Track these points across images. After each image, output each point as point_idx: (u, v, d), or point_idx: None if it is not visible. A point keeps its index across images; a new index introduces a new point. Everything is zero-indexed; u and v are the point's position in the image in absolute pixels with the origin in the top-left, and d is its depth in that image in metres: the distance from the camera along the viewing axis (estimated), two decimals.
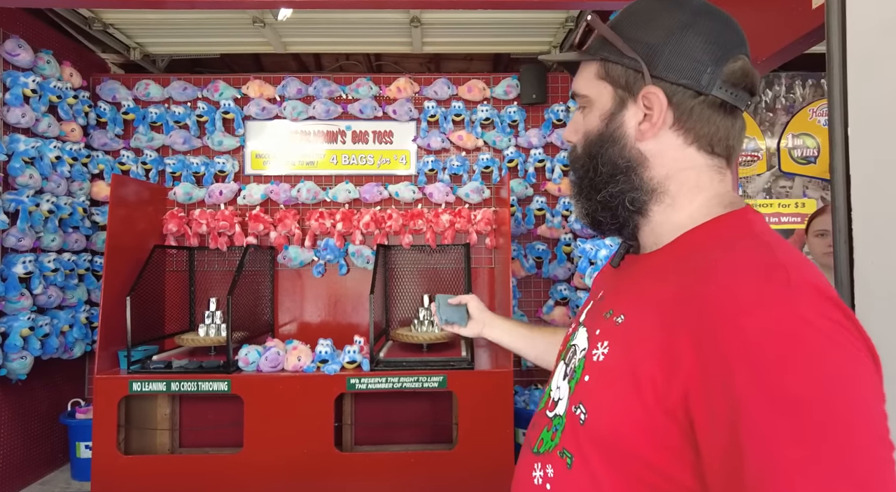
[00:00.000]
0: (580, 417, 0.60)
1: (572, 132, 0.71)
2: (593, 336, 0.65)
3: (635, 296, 0.62)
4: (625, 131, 0.65)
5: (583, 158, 0.68)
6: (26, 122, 2.95)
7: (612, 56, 0.64)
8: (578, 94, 0.69)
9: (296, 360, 2.88)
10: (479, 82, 3.66)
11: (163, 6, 2.27)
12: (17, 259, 2.87)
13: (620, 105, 0.65)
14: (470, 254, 3.33)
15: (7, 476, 2.95)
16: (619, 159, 0.65)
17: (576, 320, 0.76)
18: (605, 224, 0.68)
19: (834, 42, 1.03)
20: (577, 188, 0.70)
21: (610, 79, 0.65)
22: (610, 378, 0.59)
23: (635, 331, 0.58)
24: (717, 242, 0.59)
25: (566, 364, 0.70)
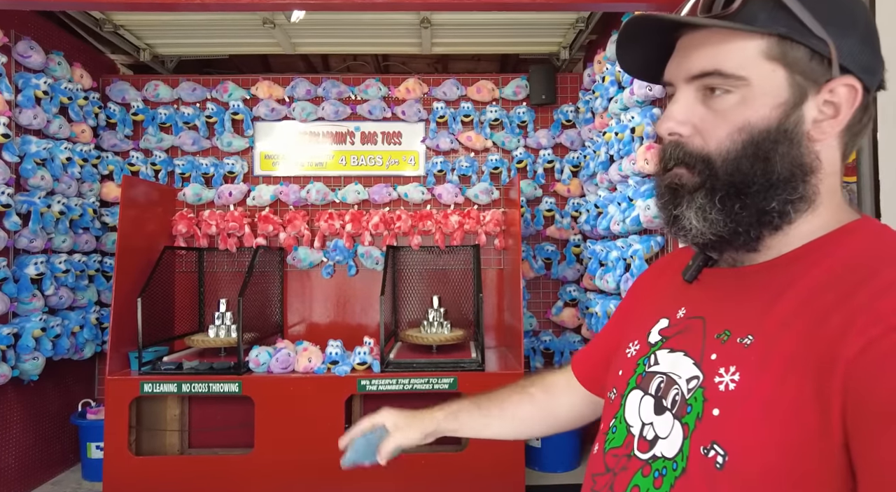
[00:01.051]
0: (716, 460, 0.51)
1: (683, 121, 0.57)
2: (707, 362, 0.55)
3: (767, 314, 0.53)
4: (803, 129, 0.54)
5: (742, 157, 0.54)
6: (38, 123, 2.96)
7: (794, 33, 0.52)
8: (725, 73, 0.54)
9: (307, 361, 2.88)
10: (488, 83, 3.65)
11: (175, 8, 2.27)
12: (28, 260, 2.88)
13: (800, 96, 0.54)
14: (479, 255, 3.32)
15: (19, 476, 2.97)
16: (798, 162, 0.54)
17: (642, 342, 0.66)
18: (742, 238, 0.56)
19: None
20: (719, 193, 0.55)
21: (787, 61, 0.53)
22: (756, 409, 0.50)
23: (780, 351, 0.50)
24: (877, 250, 0.53)
25: (647, 392, 0.61)
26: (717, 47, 0.55)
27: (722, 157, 0.55)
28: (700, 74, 0.56)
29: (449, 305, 3.43)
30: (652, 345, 0.64)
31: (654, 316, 0.67)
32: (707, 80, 0.56)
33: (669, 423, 0.57)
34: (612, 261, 2.69)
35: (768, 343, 0.52)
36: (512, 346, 3.19)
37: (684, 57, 0.58)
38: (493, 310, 3.64)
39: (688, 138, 0.57)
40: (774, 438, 0.48)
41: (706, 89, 0.56)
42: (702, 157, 0.56)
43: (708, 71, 0.55)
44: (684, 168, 0.57)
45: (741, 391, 0.51)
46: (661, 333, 0.64)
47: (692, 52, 0.57)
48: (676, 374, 0.58)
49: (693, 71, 0.56)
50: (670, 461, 0.55)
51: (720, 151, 0.55)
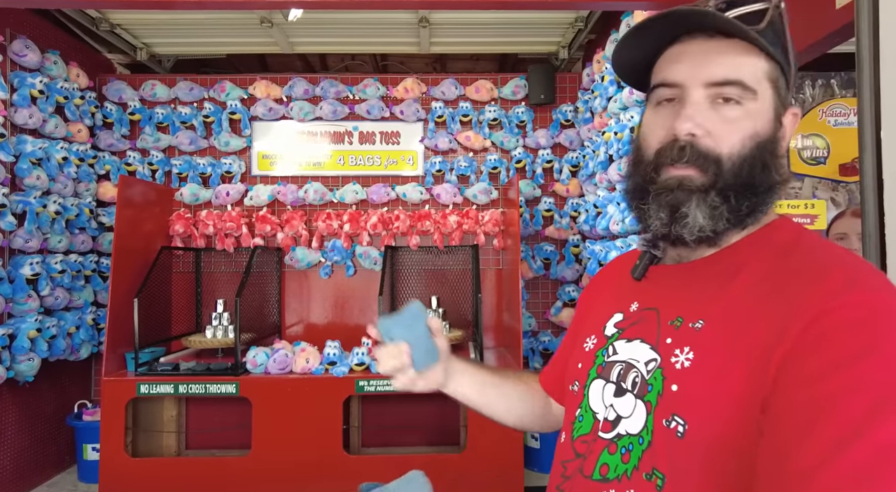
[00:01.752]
0: (677, 430, 0.57)
1: (700, 124, 0.60)
2: (663, 345, 0.62)
3: (714, 300, 0.60)
4: (782, 144, 0.63)
5: (751, 162, 0.60)
6: (34, 122, 2.94)
7: (784, 63, 0.61)
8: (746, 85, 0.59)
9: (304, 362, 2.86)
10: (487, 83, 3.64)
11: (172, 7, 2.26)
12: (24, 261, 2.86)
13: (778, 116, 0.62)
14: (478, 255, 3.31)
15: (14, 478, 2.95)
16: (781, 171, 0.62)
17: (598, 335, 0.72)
18: (724, 237, 0.62)
19: (864, 42, 1.01)
20: (725, 193, 0.60)
21: (775, 85, 0.61)
22: (709, 382, 0.56)
23: (728, 331, 0.57)
24: (800, 241, 0.61)
25: (614, 381, 0.66)
26: (739, 59, 0.60)
27: (732, 160, 0.60)
28: (722, 82, 0.60)
29: (447, 305, 3.42)
30: (609, 337, 0.70)
31: (609, 311, 0.73)
32: (726, 89, 0.60)
33: (631, 402, 0.62)
34: None
35: (717, 326, 0.58)
36: (511, 346, 3.18)
37: (703, 62, 0.61)
38: (492, 310, 3.63)
39: (700, 139, 0.60)
40: (724, 408, 0.54)
41: (718, 96, 0.60)
42: (714, 158, 0.60)
43: (731, 80, 0.59)
44: (695, 168, 0.60)
45: (695, 368, 0.57)
46: (616, 325, 0.70)
47: (714, 58, 0.60)
48: (635, 359, 0.64)
49: (715, 77, 0.60)
50: (636, 437, 0.61)
51: (731, 154, 0.60)
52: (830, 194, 3.80)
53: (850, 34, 1.29)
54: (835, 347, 0.49)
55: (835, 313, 0.51)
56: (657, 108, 0.65)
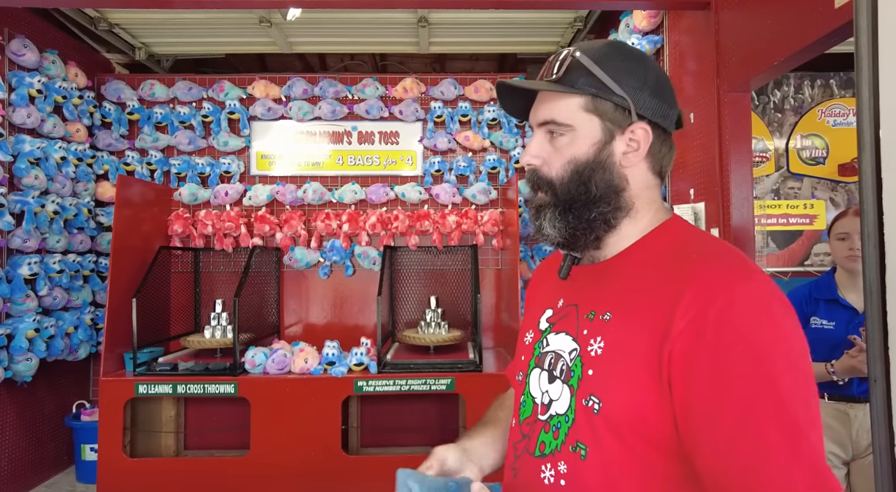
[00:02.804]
0: (593, 407, 0.68)
1: (536, 155, 0.77)
2: (581, 336, 0.73)
3: (616, 295, 0.72)
4: (613, 160, 0.75)
5: (570, 181, 0.74)
6: (32, 122, 2.93)
7: (601, 93, 0.73)
8: (557, 122, 0.75)
9: (303, 362, 2.86)
10: (486, 82, 3.64)
11: (171, 6, 2.25)
12: (22, 260, 2.85)
13: (609, 136, 0.74)
14: (477, 255, 3.31)
15: (12, 478, 2.94)
16: (610, 183, 0.74)
17: (535, 330, 0.83)
18: (582, 240, 0.76)
19: (863, 41, 1.00)
20: (559, 208, 0.75)
21: (598, 112, 0.74)
22: (616, 365, 0.67)
23: (629, 321, 0.68)
24: (683, 240, 0.74)
25: (547, 369, 0.77)
26: (552, 103, 0.76)
27: (559, 181, 0.75)
28: (544, 122, 0.77)
29: (446, 305, 3.42)
30: (543, 331, 0.81)
31: (542, 308, 0.85)
32: (549, 126, 0.76)
33: (559, 387, 0.74)
34: None
35: (620, 316, 0.70)
36: (509, 346, 3.18)
37: (536, 108, 0.79)
38: (491, 310, 3.63)
39: (540, 167, 0.77)
40: (629, 386, 0.65)
41: (549, 132, 0.76)
42: (547, 181, 0.76)
43: (547, 120, 0.76)
44: (539, 190, 0.78)
45: (605, 354, 0.69)
46: (548, 320, 0.82)
47: (540, 105, 0.78)
48: (562, 349, 0.76)
49: (539, 119, 0.77)
50: (563, 416, 0.72)
51: (558, 176, 0.76)
52: (829, 194, 3.80)
53: (848, 34, 1.29)
54: (711, 352, 0.61)
55: (703, 314, 0.62)
56: None
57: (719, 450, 0.59)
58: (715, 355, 0.60)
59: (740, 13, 1.81)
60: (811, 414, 0.59)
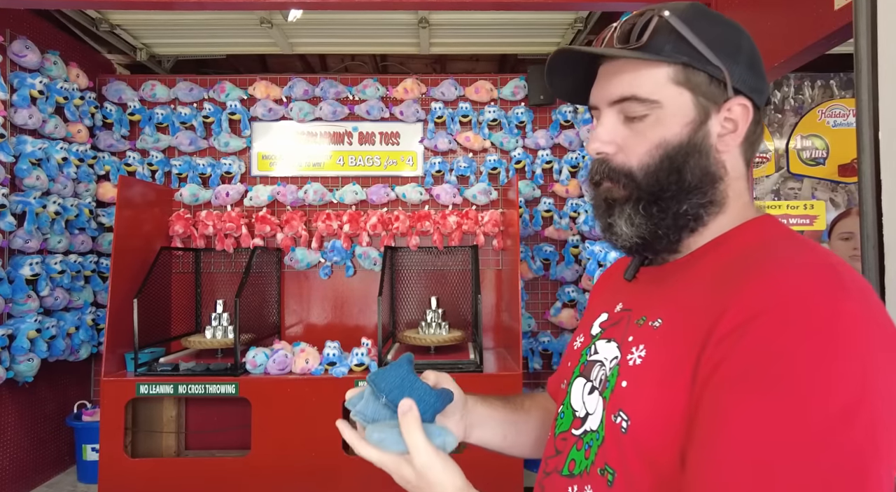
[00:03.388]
0: (621, 425, 0.58)
1: (608, 141, 0.64)
2: (626, 344, 0.63)
3: (673, 300, 0.62)
4: (710, 142, 0.63)
5: (660, 169, 0.62)
6: (33, 123, 2.94)
7: (695, 61, 0.61)
8: (640, 98, 0.62)
9: (304, 362, 2.86)
10: (487, 83, 3.64)
11: (172, 7, 2.26)
12: (24, 261, 2.86)
13: (704, 114, 0.62)
14: (477, 256, 3.31)
15: (14, 478, 2.94)
16: (706, 170, 0.62)
17: (586, 335, 0.74)
18: (663, 240, 0.64)
19: (862, 43, 1.01)
20: (642, 202, 0.63)
21: (690, 85, 0.61)
22: (651, 377, 0.57)
23: (676, 328, 0.58)
24: (766, 239, 0.61)
25: (588, 378, 0.67)
26: (632, 75, 0.63)
27: (643, 170, 0.63)
28: (619, 99, 0.63)
29: (447, 306, 3.42)
30: (593, 337, 0.72)
31: (598, 311, 0.75)
32: (626, 105, 0.63)
33: (595, 399, 0.64)
34: (611, 262, 2.69)
35: (671, 323, 0.59)
36: (510, 347, 3.18)
37: (605, 84, 0.65)
38: (492, 311, 3.63)
39: (613, 156, 0.65)
40: (662, 403, 0.55)
41: (625, 112, 0.64)
42: (625, 171, 0.64)
43: (626, 96, 0.63)
44: (610, 182, 0.65)
45: (644, 364, 0.59)
46: (600, 325, 0.72)
47: (611, 79, 0.64)
48: (607, 357, 0.66)
49: (613, 96, 0.64)
50: (594, 433, 0.63)
51: (640, 165, 0.63)
52: (830, 195, 3.80)
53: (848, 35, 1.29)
54: (739, 361, 0.50)
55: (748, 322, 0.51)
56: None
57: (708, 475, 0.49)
58: (739, 366, 0.50)
59: (740, 14, 1.82)
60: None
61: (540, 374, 3.62)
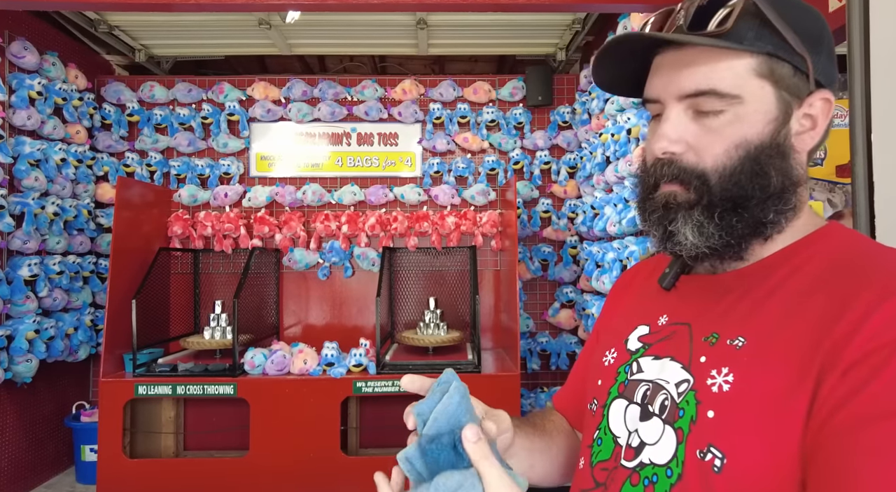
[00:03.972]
0: (713, 464, 0.51)
1: (677, 140, 0.57)
2: (697, 365, 0.56)
3: (756, 316, 0.55)
4: (790, 142, 0.57)
5: (742, 173, 0.55)
6: (32, 124, 2.94)
7: (781, 51, 0.54)
8: (720, 93, 0.55)
9: (302, 363, 2.87)
10: (485, 84, 3.65)
11: (170, 9, 2.26)
12: (22, 262, 2.86)
13: (787, 111, 0.56)
14: (476, 256, 3.32)
15: (12, 479, 2.95)
16: (788, 174, 0.56)
17: (620, 349, 0.66)
18: (736, 249, 0.57)
19: (855, 45, 1.02)
20: (717, 209, 0.56)
21: (774, 78, 0.55)
22: (750, 408, 0.50)
23: (772, 350, 0.51)
24: (854, 250, 0.55)
25: (632, 401, 0.60)
26: (709, 66, 0.55)
27: (718, 173, 0.56)
28: (694, 93, 0.56)
29: (445, 306, 3.43)
30: (633, 352, 0.64)
31: (631, 323, 0.67)
32: (701, 99, 0.56)
33: (658, 428, 0.56)
34: (609, 262, 2.69)
35: (761, 343, 0.52)
36: (508, 347, 3.19)
37: (674, 75, 0.57)
38: (490, 311, 3.64)
39: (681, 155, 0.57)
40: (769, 438, 0.48)
41: (697, 108, 0.57)
42: (697, 173, 0.57)
43: (703, 90, 0.55)
44: (678, 185, 0.58)
45: (736, 392, 0.51)
46: (641, 340, 0.64)
47: (682, 70, 0.57)
48: (664, 379, 0.58)
49: (686, 90, 0.56)
50: (662, 468, 0.55)
51: (716, 167, 0.56)
52: (827, 195, 3.80)
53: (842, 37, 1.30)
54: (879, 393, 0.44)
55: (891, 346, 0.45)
56: (652, 122, 0.62)
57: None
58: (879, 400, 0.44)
59: None
60: None
61: (538, 374, 3.63)
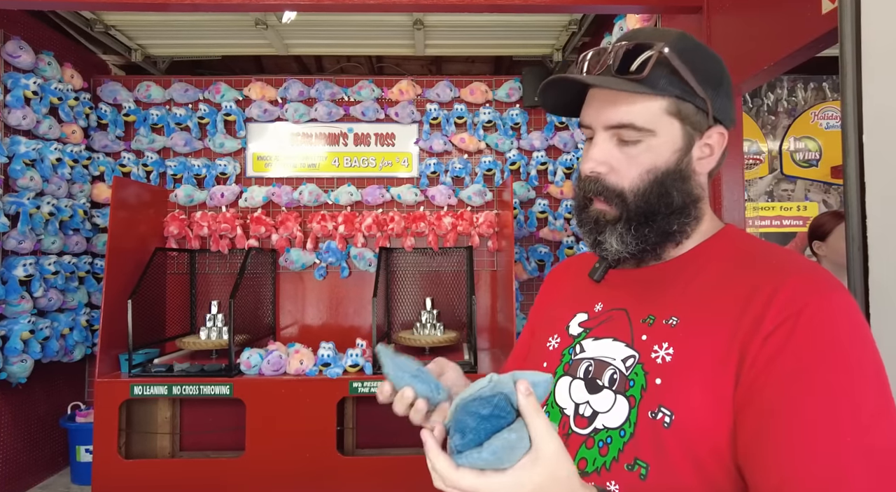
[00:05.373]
0: (663, 420, 0.61)
1: (602, 162, 0.68)
2: (640, 342, 0.67)
3: (682, 299, 0.67)
4: (693, 167, 0.69)
5: (650, 193, 0.67)
6: (27, 124, 2.94)
7: (686, 95, 0.66)
8: (637, 127, 0.66)
9: (298, 363, 2.87)
10: (482, 85, 3.65)
11: (167, 9, 2.26)
12: (17, 262, 2.85)
13: (689, 142, 0.69)
14: (472, 257, 3.32)
15: (7, 480, 2.94)
16: (689, 193, 0.69)
17: (562, 334, 0.76)
18: (651, 253, 0.70)
19: (847, 47, 1.02)
20: (633, 222, 0.68)
21: (681, 116, 0.67)
22: (691, 373, 0.61)
23: (702, 326, 0.63)
24: (753, 245, 0.69)
25: (583, 378, 0.70)
26: (629, 105, 0.67)
27: (633, 192, 0.68)
28: (617, 125, 0.67)
29: (442, 306, 3.43)
30: (575, 337, 0.75)
31: (570, 312, 0.78)
32: (622, 130, 0.67)
33: (610, 398, 0.67)
34: None
35: (691, 322, 0.64)
36: (505, 348, 3.19)
37: (601, 108, 0.69)
38: (487, 312, 3.64)
39: (605, 176, 0.69)
40: (709, 396, 0.59)
41: (619, 137, 0.68)
42: (617, 192, 0.68)
43: (624, 123, 0.67)
44: (603, 201, 0.69)
45: (677, 362, 0.63)
46: (581, 325, 0.75)
47: (608, 105, 0.68)
48: (609, 357, 0.69)
49: (610, 122, 0.68)
50: (616, 430, 0.65)
51: (632, 187, 0.68)
52: (822, 196, 3.83)
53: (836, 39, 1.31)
54: (797, 351, 0.56)
55: (796, 316, 0.57)
56: (587, 143, 0.73)
57: (795, 452, 0.54)
58: (799, 356, 0.56)
59: (732, 17, 1.83)
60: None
61: None
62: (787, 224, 3.71)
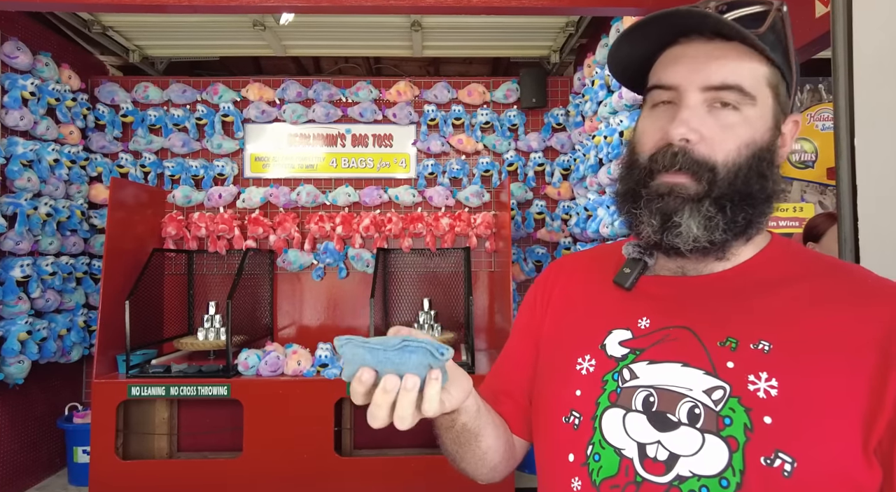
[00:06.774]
0: (782, 468, 0.50)
1: (695, 129, 0.56)
2: (726, 370, 0.55)
3: (768, 320, 0.56)
4: (781, 152, 0.60)
5: (749, 170, 0.57)
6: (24, 124, 2.94)
7: (785, 69, 0.58)
8: (744, 91, 0.56)
9: (296, 364, 2.87)
10: (479, 86, 3.66)
11: (164, 10, 2.26)
12: (14, 263, 2.85)
13: (777, 125, 0.59)
14: (470, 257, 3.33)
15: (4, 481, 2.93)
16: (777, 180, 0.59)
17: (594, 355, 0.62)
18: (726, 247, 0.59)
19: (839, 51, 1.03)
20: (725, 203, 0.56)
21: (776, 92, 0.58)
22: (811, 412, 0.51)
23: (806, 355, 0.53)
24: (815, 257, 0.62)
25: (640, 411, 0.57)
26: (738, 63, 0.57)
27: (727, 168, 0.56)
28: (720, 86, 0.56)
29: (439, 307, 3.43)
30: (620, 359, 0.61)
31: (601, 327, 0.64)
32: (724, 93, 0.56)
33: (695, 438, 0.54)
34: None
35: (789, 347, 0.54)
36: (503, 348, 3.20)
37: (700, 65, 0.57)
38: (484, 312, 3.65)
39: (694, 145, 0.57)
40: (836, 439, 0.50)
41: (716, 100, 0.57)
42: (709, 165, 0.57)
43: (730, 85, 0.56)
44: (688, 175, 0.57)
45: (787, 396, 0.52)
46: (625, 345, 0.61)
47: (712, 62, 0.57)
48: (681, 386, 0.56)
49: (713, 81, 0.57)
50: (714, 478, 0.52)
51: (727, 162, 0.56)
52: (818, 198, 3.84)
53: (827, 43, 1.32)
54: None
55: None
56: (653, 111, 0.61)
57: None
58: None
59: None
60: None
61: None
62: (784, 225, 3.73)
